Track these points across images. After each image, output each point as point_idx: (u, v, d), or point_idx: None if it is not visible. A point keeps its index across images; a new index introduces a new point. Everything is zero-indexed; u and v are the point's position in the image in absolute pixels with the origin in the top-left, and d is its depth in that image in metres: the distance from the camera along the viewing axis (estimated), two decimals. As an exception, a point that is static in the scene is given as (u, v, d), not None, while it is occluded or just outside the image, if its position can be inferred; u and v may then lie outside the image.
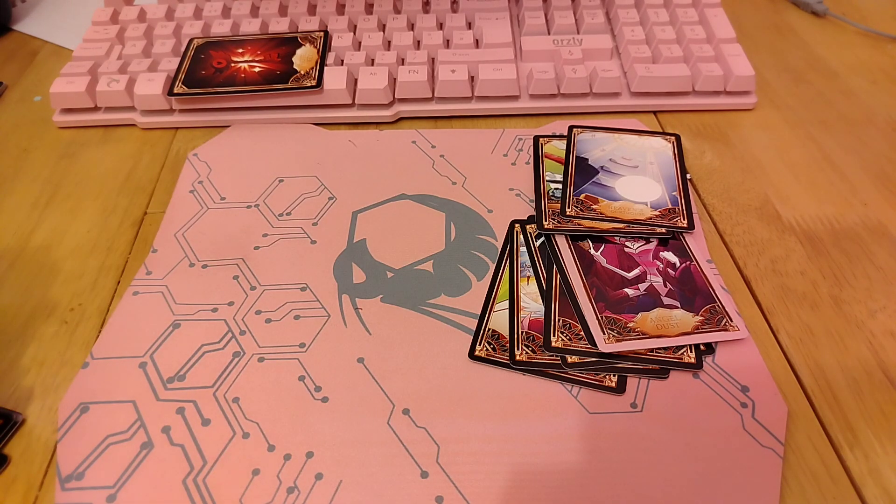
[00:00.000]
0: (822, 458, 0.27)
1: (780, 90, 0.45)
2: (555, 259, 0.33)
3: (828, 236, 0.35)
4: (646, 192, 0.36)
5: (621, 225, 0.34)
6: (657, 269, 0.32)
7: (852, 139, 0.41)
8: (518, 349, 0.30)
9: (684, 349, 0.29)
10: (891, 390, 0.29)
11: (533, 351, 0.30)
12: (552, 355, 0.29)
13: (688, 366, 0.29)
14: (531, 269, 0.33)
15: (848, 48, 0.48)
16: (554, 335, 0.30)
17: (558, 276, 0.32)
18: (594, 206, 0.35)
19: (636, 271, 0.32)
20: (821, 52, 0.48)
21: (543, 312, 0.31)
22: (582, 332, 0.30)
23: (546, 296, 0.31)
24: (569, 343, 0.29)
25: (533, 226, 0.35)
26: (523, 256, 0.34)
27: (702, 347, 0.29)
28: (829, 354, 0.30)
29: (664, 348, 0.29)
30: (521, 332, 0.30)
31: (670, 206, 0.35)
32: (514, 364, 0.29)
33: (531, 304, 0.31)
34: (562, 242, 0.33)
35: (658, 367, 0.29)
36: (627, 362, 0.29)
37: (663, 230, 0.34)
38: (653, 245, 0.34)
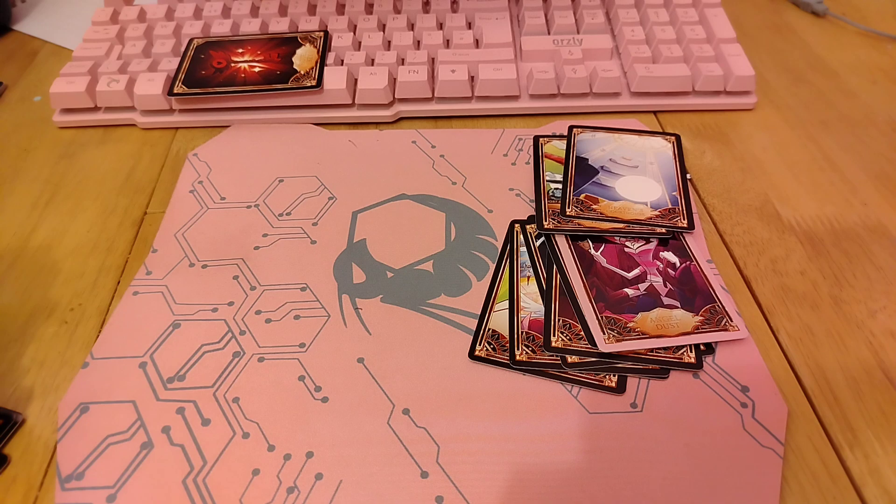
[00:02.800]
0: (822, 458, 0.27)
1: (780, 90, 0.45)
2: (555, 259, 0.33)
3: (828, 236, 0.35)
4: (646, 192, 0.36)
5: (621, 225, 0.34)
6: (657, 269, 0.32)
7: (852, 139, 0.41)
8: (518, 349, 0.30)
9: (684, 349, 0.29)
10: (891, 390, 0.29)
11: (533, 351, 0.30)
12: (552, 355, 0.29)
13: (688, 366, 0.29)
14: (531, 269, 0.33)
15: (848, 48, 0.48)
16: (554, 335, 0.30)
17: (558, 276, 0.32)
18: (594, 206, 0.35)
19: (636, 271, 0.32)
20: (821, 52, 0.48)
21: (543, 312, 0.31)
22: (582, 332, 0.30)
23: (546, 296, 0.31)
24: (569, 343, 0.29)
25: (533, 226, 0.35)
26: (523, 256, 0.34)
27: (702, 347, 0.29)
28: (829, 354, 0.30)
29: (664, 348, 0.29)
30: (521, 332, 0.30)
31: (670, 206, 0.35)
32: (513, 364, 0.29)
33: (531, 304, 0.31)
34: (562, 242, 0.34)
35: (658, 367, 0.29)
36: (627, 362, 0.29)
37: (663, 230, 0.34)
38: (653, 245, 0.34)
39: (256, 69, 0.43)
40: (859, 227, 0.36)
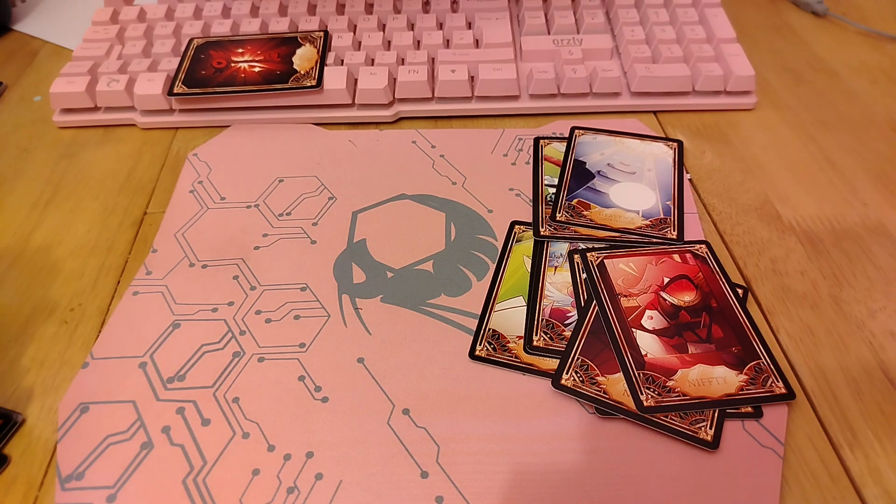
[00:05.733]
0: (822, 458, 0.27)
1: (780, 90, 0.45)
2: (603, 316, 0.31)
3: (828, 236, 0.35)
4: (639, 200, 0.36)
5: (614, 233, 0.34)
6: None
7: (852, 139, 0.41)
8: (536, 335, 0.30)
9: (703, 424, 0.27)
10: (891, 390, 0.29)
11: (551, 338, 0.30)
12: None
13: (702, 442, 0.27)
14: (559, 260, 0.33)
15: (848, 48, 0.48)
16: (567, 373, 0.29)
17: (594, 316, 0.31)
18: (585, 213, 0.35)
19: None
20: (821, 52, 0.48)
21: (566, 344, 0.30)
22: (593, 374, 0.29)
23: (575, 329, 0.30)
24: (579, 384, 0.28)
25: (594, 254, 0.33)
26: (553, 247, 0.34)
27: (747, 410, 0.27)
28: (829, 354, 0.30)
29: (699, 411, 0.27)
30: (542, 320, 0.30)
31: (662, 217, 0.35)
32: (530, 349, 0.29)
33: (555, 293, 0.31)
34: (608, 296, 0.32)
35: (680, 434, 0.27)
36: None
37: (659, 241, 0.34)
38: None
39: (256, 69, 0.43)
40: (859, 227, 0.36)
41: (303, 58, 0.43)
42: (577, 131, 0.40)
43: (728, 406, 0.27)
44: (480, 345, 0.30)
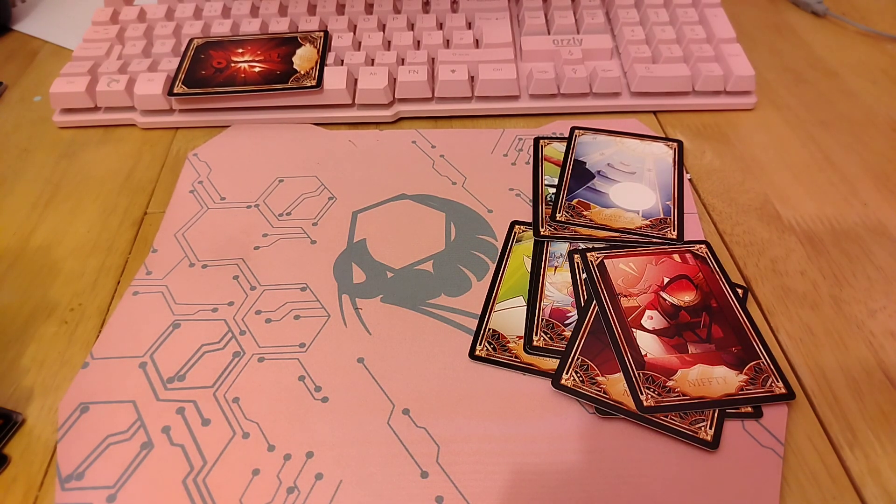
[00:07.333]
0: (822, 458, 0.27)
1: (780, 90, 0.45)
2: (601, 311, 0.31)
3: (828, 236, 0.35)
4: (639, 200, 0.36)
5: (614, 233, 0.34)
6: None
7: (852, 139, 0.41)
8: (536, 335, 0.30)
9: (702, 424, 0.27)
10: (891, 390, 0.29)
11: (551, 338, 0.30)
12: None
13: (702, 442, 0.27)
14: (559, 260, 0.33)
15: (848, 48, 0.48)
16: (567, 373, 0.29)
17: (594, 315, 0.30)
18: (585, 213, 0.35)
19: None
20: (821, 52, 0.48)
21: (567, 344, 0.30)
22: (593, 374, 0.29)
23: (575, 329, 0.30)
24: (579, 383, 0.28)
25: (594, 254, 0.33)
26: (553, 247, 0.34)
27: (747, 409, 0.27)
28: (829, 354, 0.30)
29: (698, 411, 0.27)
30: (542, 320, 0.30)
31: (662, 216, 0.35)
32: (530, 349, 0.29)
33: (555, 293, 0.31)
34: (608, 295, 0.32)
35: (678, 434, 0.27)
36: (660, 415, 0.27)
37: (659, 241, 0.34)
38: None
39: (256, 69, 0.43)
40: (859, 227, 0.36)
41: (303, 58, 0.43)
42: (577, 131, 0.40)
43: (728, 406, 0.27)
44: (480, 345, 0.30)
